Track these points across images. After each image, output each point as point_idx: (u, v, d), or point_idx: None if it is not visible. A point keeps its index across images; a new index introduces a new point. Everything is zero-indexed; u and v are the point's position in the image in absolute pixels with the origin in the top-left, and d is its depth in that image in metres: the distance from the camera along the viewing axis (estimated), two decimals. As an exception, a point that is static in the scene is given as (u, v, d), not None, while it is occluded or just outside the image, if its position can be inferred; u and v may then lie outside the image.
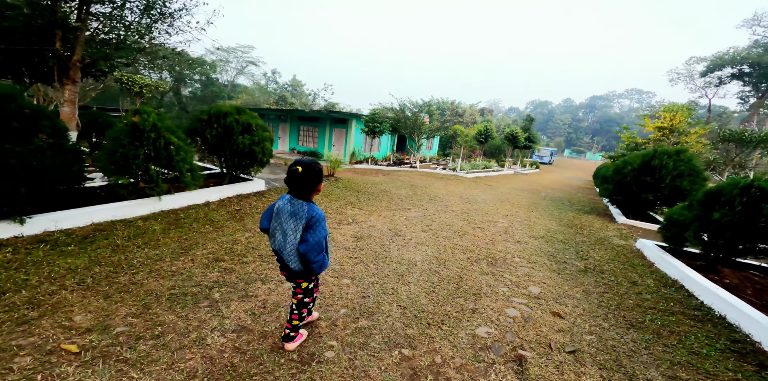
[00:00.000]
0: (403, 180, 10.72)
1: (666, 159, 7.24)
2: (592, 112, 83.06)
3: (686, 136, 15.42)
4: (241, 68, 39.33)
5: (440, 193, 8.88)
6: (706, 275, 4.08)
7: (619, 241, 5.96)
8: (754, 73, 31.97)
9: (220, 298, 2.85)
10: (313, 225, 1.82)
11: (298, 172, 1.79)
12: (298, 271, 1.93)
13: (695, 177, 7.06)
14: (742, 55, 31.21)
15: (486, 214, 7.05)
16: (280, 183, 7.97)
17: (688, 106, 16.09)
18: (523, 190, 12.14)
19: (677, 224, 4.53)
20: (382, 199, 7.34)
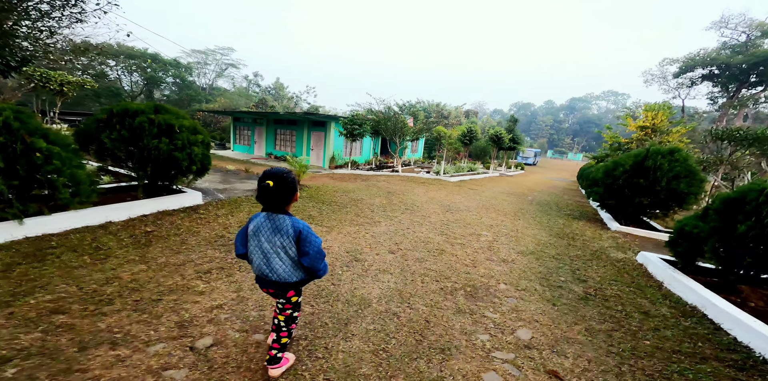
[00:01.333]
0: (381, 186, 9.78)
1: (660, 159, 6.56)
2: (572, 114, 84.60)
3: (668, 135, 15.16)
4: (220, 71, 37.83)
5: (419, 200, 7.97)
6: (726, 297, 3.30)
7: (618, 253, 5.16)
8: (723, 74, 32.69)
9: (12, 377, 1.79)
10: (306, 238, 1.74)
11: (269, 187, 1.65)
12: (295, 281, 1.83)
13: (692, 178, 6.39)
14: (711, 56, 31.88)
15: (468, 225, 6.17)
16: (230, 193, 6.87)
17: (668, 105, 15.89)
18: (509, 193, 11.40)
19: (690, 238, 3.74)
20: (350, 210, 6.36)
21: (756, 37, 29.93)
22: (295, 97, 38.23)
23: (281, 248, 1.72)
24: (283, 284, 1.81)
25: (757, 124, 33.34)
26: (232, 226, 4.74)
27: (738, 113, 34.31)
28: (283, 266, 1.76)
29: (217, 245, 4.03)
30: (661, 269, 4.11)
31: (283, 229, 1.71)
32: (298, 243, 1.73)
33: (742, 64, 30.05)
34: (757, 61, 28.54)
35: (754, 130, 6.84)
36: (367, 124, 15.10)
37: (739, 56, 29.88)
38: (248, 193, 7.11)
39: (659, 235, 6.50)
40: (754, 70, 29.87)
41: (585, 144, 74.47)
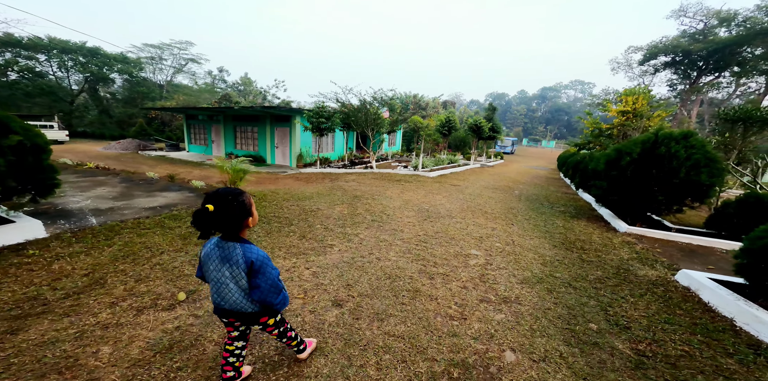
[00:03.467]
0: (348, 188, 8.17)
1: (674, 145, 5.36)
2: (544, 103, 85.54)
3: (649, 120, 14.46)
4: (179, 66, 34.23)
5: (391, 206, 6.44)
6: None
7: (647, 269, 3.89)
8: (683, 61, 33.10)
9: None
10: (259, 269, 1.52)
11: (208, 212, 1.36)
12: (257, 311, 1.64)
13: (712, 168, 5.24)
14: (673, 44, 32.09)
15: (452, 239, 4.71)
16: (113, 216, 4.84)
17: (648, 89, 15.18)
18: (494, 188, 10.13)
19: (765, 255, 2.45)
20: (295, 229, 4.71)
21: (712, 25, 30.23)
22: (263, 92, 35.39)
23: (230, 279, 1.52)
24: (241, 314, 1.62)
25: (712, 109, 34.22)
26: (73, 276, 3.01)
27: (696, 99, 35.01)
28: (233, 297, 1.56)
29: (24, 315, 2.36)
30: (725, 299, 2.82)
31: (233, 259, 1.49)
32: (249, 274, 1.52)
33: (701, 52, 30.37)
34: (715, 48, 28.83)
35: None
36: (336, 116, 13.35)
37: (698, 44, 30.17)
38: (147, 213, 5.10)
39: (676, 236, 5.36)
40: (712, 57, 30.26)
41: (557, 131, 75.71)
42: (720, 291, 2.89)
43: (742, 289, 2.92)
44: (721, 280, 3.15)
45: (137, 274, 3.11)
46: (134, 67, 26.33)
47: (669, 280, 3.53)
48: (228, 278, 1.51)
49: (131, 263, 3.34)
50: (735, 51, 28.23)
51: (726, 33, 28.77)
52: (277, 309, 1.63)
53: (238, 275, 1.50)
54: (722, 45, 28.16)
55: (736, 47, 27.88)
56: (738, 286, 2.98)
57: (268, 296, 1.54)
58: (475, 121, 22.44)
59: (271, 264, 1.58)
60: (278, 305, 1.61)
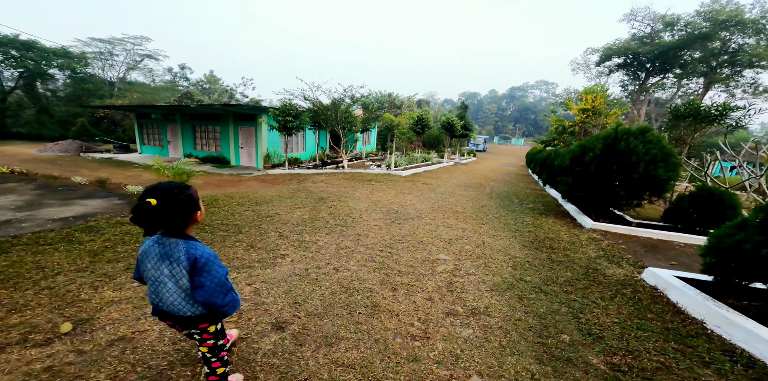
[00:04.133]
0: (314, 190, 7.65)
1: (633, 140, 5.41)
2: (513, 102, 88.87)
3: (606, 117, 15.15)
4: (133, 63, 31.45)
5: (358, 208, 6.03)
6: None
7: (614, 268, 3.79)
8: (633, 63, 35.40)
9: None
10: (203, 267, 1.37)
11: (150, 207, 1.24)
12: (197, 315, 1.45)
13: (668, 162, 5.35)
14: (624, 46, 34.18)
15: (420, 243, 4.39)
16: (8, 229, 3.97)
17: (605, 88, 15.92)
18: (466, 186, 10.03)
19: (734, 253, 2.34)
20: (244, 237, 4.16)
21: (658, 29, 32.56)
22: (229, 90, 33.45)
23: (169, 278, 1.38)
24: (179, 317, 1.45)
25: (658, 108, 37.06)
26: None
27: (644, 99, 37.66)
28: (171, 298, 1.40)
29: None
30: (694, 300, 2.71)
31: (174, 256, 1.36)
32: (192, 273, 1.37)
33: (648, 54, 32.60)
34: (660, 51, 31.08)
35: (720, 105, 6.08)
36: (306, 115, 12.69)
37: (646, 47, 32.36)
38: (54, 225, 4.20)
39: (637, 230, 5.43)
40: (658, 59, 32.60)
41: (525, 129, 78.98)
42: (688, 291, 2.78)
43: (709, 286, 2.84)
44: (687, 278, 3.07)
45: (14, 302, 2.47)
46: (78, 62, 23.68)
47: (636, 280, 3.43)
48: (167, 277, 1.38)
49: (11, 288, 2.66)
50: (677, 54, 30.60)
51: (670, 37, 31.04)
52: (225, 312, 1.46)
53: (178, 274, 1.38)
54: (666, 48, 30.40)
55: (678, 50, 30.20)
56: (704, 284, 2.90)
57: (213, 297, 1.39)
58: (448, 119, 22.56)
59: (218, 262, 1.45)
60: (226, 307, 1.45)
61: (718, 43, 28.43)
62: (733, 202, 5.26)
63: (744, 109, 6.25)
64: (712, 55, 29.06)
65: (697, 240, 5.05)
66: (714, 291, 2.72)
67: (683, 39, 29.35)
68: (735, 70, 28.84)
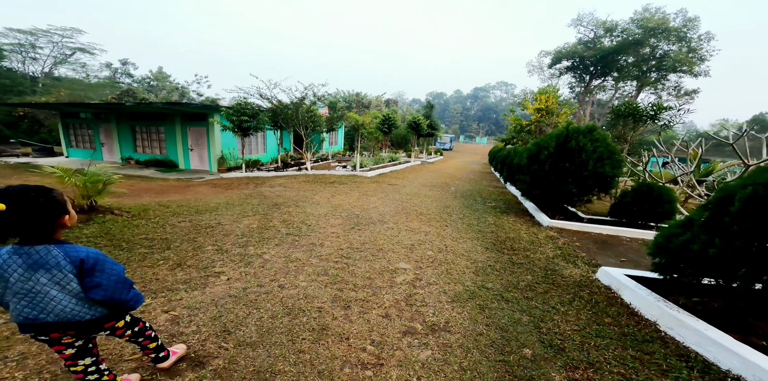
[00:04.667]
0: (270, 194, 7.04)
1: (582, 139, 5.58)
2: (476, 102, 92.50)
3: (557, 116, 16.09)
4: (63, 57, 27.59)
5: (316, 213, 5.59)
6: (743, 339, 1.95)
7: (571, 268, 3.78)
8: (579, 66, 38.28)
9: None
10: (94, 266, 1.32)
11: None
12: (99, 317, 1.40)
13: (613, 160, 5.59)
14: (572, 50, 36.81)
15: (380, 250, 4.08)
16: None
17: (556, 89, 16.90)
18: (432, 185, 9.96)
19: (682, 254, 2.34)
20: (171, 255, 3.53)
21: (600, 35, 35.47)
22: (180, 88, 30.69)
23: (52, 286, 1.27)
24: (78, 323, 1.35)
25: (600, 109, 40.56)
26: None
27: (589, 100, 41.00)
28: (61, 306, 1.30)
29: None
30: (646, 300, 2.70)
31: (50, 263, 1.26)
32: (80, 276, 1.30)
33: (592, 58, 35.40)
34: (602, 55, 33.92)
35: (655, 103, 6.53)
36: (264, 114, 11.84)
37: (589, 51, 35.10)
38: None
39: (589, 226, 5.61)
40: (600, 63, 35.54)
41: (488, 128, 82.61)
42: (640, 291, 2.78)
43: (659, 284, 2.87)
44: (638, 277, 3.10)
45: None
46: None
47: (592, 280, 3.43)
48: (48, 286, 1.28)
49: None
50: (615, 58, 33.59)
51: (609, 42, 33.89)
52: (131, 306, 1.46)
53: (64, 280, 1.29)
54: (606, 52, 33.20)
55: (616, 55, 33.13)
56: (655, 282, 2.92)
57: (116, 293, 1.37)
58: (414, 118, 22.65)
59: (110, 259, 1.41)
60: (131, 302, 1.45)
61: (648, 49, 31.65)
62: (670, 197, 5.63)
63: (674, 109, 6.78)
64: (643, 60, 32.33)
65: (640, 234, 5.33)
66: (665, 289, 2.74)
67: (620, 44, 32.24)
68: (661, 74, 32.36)
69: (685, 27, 29.14)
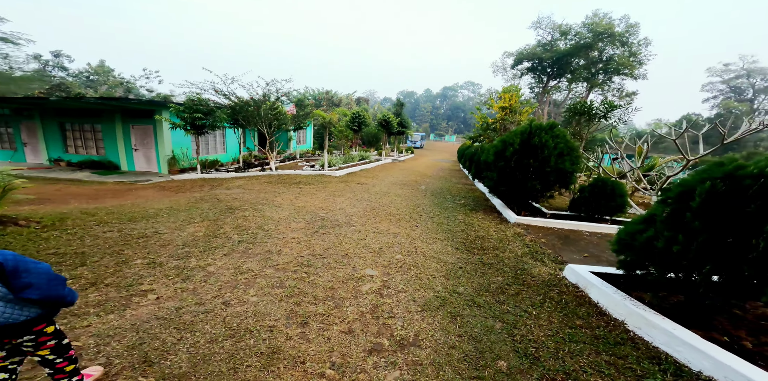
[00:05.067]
0: (225, 198, 6.39)
1: (544, 135, 5.66)
2: (445, 101, 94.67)
3: (520, 114, 16.75)
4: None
5: (276, 217, 5.11)
6: (705, 334, 1.94)
7: (540, 266, 3.74)
8: (538, 67, 40.42)
9: None
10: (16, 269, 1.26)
11: None
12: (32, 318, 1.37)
13: (572, 156, 5.75)
14: (532, 52, 38.72)
15: (345, 256, 3.76)
16: None
17: (518, 88, 17.59)
18: (402, 184, 9.78)
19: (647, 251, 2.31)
20: (85, 272, 2.89)
21: (556, 38, 37.66)
22: (125, 83, 27.64)
23: None
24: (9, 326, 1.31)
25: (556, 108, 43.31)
26: None
27: (546, 100, 43.54)
28: None
29: None
30: (613, 299, 2.67)
31: None
32: (4, 279, 1.26)
33: (549, 60, 37.51)
34: (558, 57, 36.07)
35: (607, 102, 6.88)
36: (222, 111, 10.90)
37: (547, 53, 37.16)
38: None
39: (552, 222, 5.73)
40: (556, 64, 37.77)
41: (457, 127, 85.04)
42: (606, 289, 2.75)
43: (620, 279, 2.87)
44: (602, 273, 3.09)
45: None
46: None
47: (560, 278, 3.39)
48: None
49: None
50: (569, 61, 35.87)
51: (564, 45, 36.07)
52: (69, 302, 1.45)
53: None
54: (561, 55, 35.32)
55: (569, 57, 35.37)
56: (620, 278, 2.92)
57: (52, 290, 1.34)
58: (384, 116, 22.44)
59: (28, 258, 1.35)
60: (69, 297, 1.44)
61: (596, 52, 34.19)
62: (622, 191, 5.91)
63: (624, 107, 7.19)
64: (592, 63, 34.90)
65: (597, 228, 5.55)
66: (629, 284, 2.74)
67: (573, 47, 34.45)
68: (607, 77, 35.18)
69: (627, 32, 31.88)
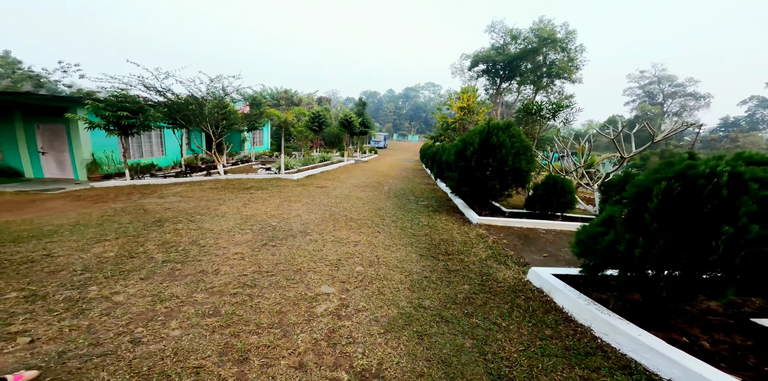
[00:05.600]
0: (154, 208, 5.48)
1: (501, 135, 5.73)
2: (408, 101, 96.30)
3: (477, 114, 17.43)
4: None
5: (216, 229, 4.44)
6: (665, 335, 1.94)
7: (504, 271, 3.65)
8: (492, 70, 42.70)
9: None
10: None
11: None
12: None
13: (527, 155, 5.90)
14: (486, 54, 40.72)
15: (297, 273, 3.30)
16: None
17: (475, 89, 18.29)
18: (365, 186, 9.43)
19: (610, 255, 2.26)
20: None
21: (507, 42, 40.08)
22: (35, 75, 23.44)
23: None
24: None
25: (507, 110, 46.30)
26: None
27: (499, 102, 46.24)
28: None
29: None
30: (577, 304, 2.62)
31: None
32: None
33: (501, 63, 39.81)
34: (509, 60, 38.45)
35: (555, 102, 7.25)
36: (158, 109, 9.57)
37: (500, 56, 39.38)
38: None
39: (511, 221, 5.82)
40: (507, 67, 40.23)
41: (419, 127, 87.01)
42: (569, 293, 2.70)
43: (581, 280, 2.85)
44: (564, 275, 3.07)
45: None
46: None
47: (524, 283, 3.31)
48: None
49: None
50: (518, 64, 38.44)
51: (515, 49, 38.49)
52: None
53: None
54: (512, 58, 37.65)
55: (519, 61, 37.88)
56: (578, 279, 2.91)
57: None
58: (346, 115, 21.86)
59: None
60: None
61: (541, 56, 37.13)
62: (571, 188, 6.22)
63: (570, 107, 7.66)
64: (538, 67, 37.85)
65: (551, 225, 5.76)
66: (590, 285, 2.72)
67: (522, 51, 36.96)
68: (550, 80, 38.40)
69: (567, 39, 35.10)
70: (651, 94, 55.85)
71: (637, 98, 56.33)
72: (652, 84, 55.71)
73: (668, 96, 54.67)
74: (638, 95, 56.20)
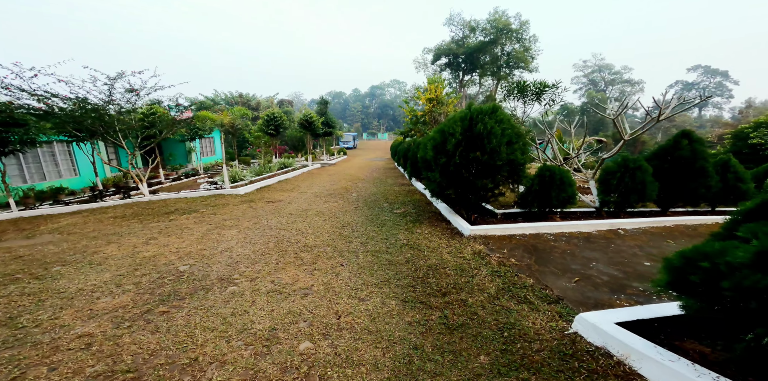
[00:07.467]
0: (20, 251, 3.71)
1: (488, 121, 4.63)
2: (374, 100, 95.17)
3: (446, 105, 16.63)
4: None
5: (72, 288, 2.84)
6: None
7: (532, 316, 2.43)
8: (453, 63, 42.79)
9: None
10: None
11: None
12: None
13: (521, 144, 4.85)
14: (447, 47, 40.66)
15: (186, 367, 1.87)
16: None
17: (442, 79, 17.49)
18: (329, 194, 8.01)
19: None
20: None
21: (467, 34, 40.31)
22: None
23: None
24: None
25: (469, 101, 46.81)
26: None
27: (463, 94, 46.53)
28: None
29: None
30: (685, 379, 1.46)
31: None
32: None
33: (462, 55, 39.98)
34: (469, 52, 38.64)
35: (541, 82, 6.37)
36: (50, 120, 7.55)
37: (460, 48, 39.51)
38: None
39: (510, 228, 4.75)
40: (468, 60, 40.48)
41: (388, 124, 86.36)
42: (672, 365, 1.55)
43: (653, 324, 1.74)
44: (632, 323, 1.94)
45: None
46: None
47: (572, 338, 2.14)
48: None
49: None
50: (478, 56, 38.74)
51: (474, 41, 38.78)
52: None
53: None
54: (472, 50, 37.84)
55: (479, 53, 38.18)
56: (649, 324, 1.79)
57: None
58: (306, 115, 20.12)
59: None
60: None
61: (499, 48, 37.67)
62: (571, 180, 5.30)
63: (555, 87, 6.82)
64: (497, 58, 38.39)
65: (557, 227, 4.81)
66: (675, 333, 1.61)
67: (481, 43, 37.25)
68: (509, 71, 39.13)
69: (521, 29, 35.88)
70: (594, 82, 60.28)
71: (583, 86, 60.36)
72: (594, 72, 60.05)
73: (609, 83, 59.49)
74: (584, 83, 60.30)
